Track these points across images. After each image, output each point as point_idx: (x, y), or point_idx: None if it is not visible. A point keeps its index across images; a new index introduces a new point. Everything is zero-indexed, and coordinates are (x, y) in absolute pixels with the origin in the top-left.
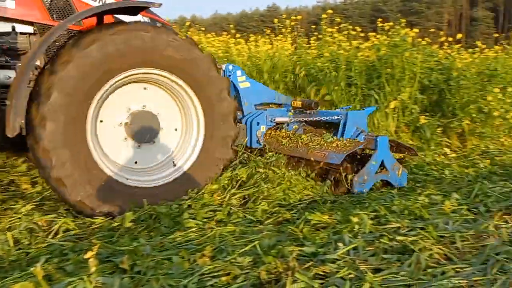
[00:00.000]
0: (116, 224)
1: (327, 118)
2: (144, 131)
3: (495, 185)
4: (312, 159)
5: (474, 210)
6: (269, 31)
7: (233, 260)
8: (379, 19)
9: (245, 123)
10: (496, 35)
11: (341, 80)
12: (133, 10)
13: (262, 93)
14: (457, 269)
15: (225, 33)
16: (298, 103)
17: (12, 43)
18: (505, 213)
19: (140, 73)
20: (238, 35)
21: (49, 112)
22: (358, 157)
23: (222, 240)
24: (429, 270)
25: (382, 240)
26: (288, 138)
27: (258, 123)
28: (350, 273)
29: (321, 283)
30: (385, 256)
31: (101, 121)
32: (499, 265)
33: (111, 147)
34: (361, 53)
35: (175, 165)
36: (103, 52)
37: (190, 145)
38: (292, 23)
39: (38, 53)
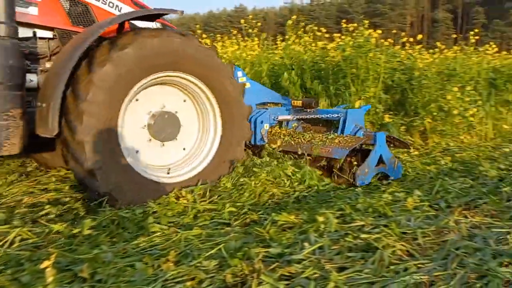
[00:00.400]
0: (76, 231)
1: (328, 116)
2: (166, 130)
3: (455, 181)
4: (316, 154)
5: (436, 206)
6: (235, 31)
7: (198, 264)
8: (344, 20)
9: (249, 122)
10: (454, 36)
11: (296, 81)
12: (155, 17)
13: (262, 93)
14: (419, 265)
15: (192, 33)
16: (298, 102)
17: (32, 48)
18: (464, 208)
19: (166, 76)
20: (204, 36)
21: (86, 107)
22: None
23: (187, 244)
24: (392, 267)
25: (347, 238)
26: (289, 136)
27: (262, 122)
28: (315, 273)
29: (287, 284)
30: (349, 254)
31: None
32: (458, 259)
33: (137, 144)
34: (330, 54)
35: (193, 162)
36: (138, 54)
37: (207, 144)
38: (259, 24)
39: (74, 57)
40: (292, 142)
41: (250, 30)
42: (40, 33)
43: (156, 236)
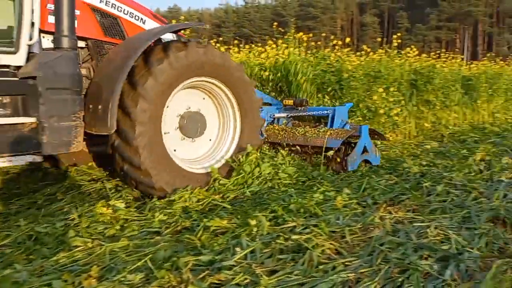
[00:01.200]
0: None
1: (319, 113)
2: (195, 128)
3: (382, 178)
4: (313, 145)
5: (363, 203)
6: None
7: (122, 279)
8: (275, 23)
9: None
10: (379, 39)
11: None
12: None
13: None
14: (346, 263)
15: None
16: (289, 102)
17: None
18: (389, 204)
19: (194, 81)
20: None
21: (137, 117)
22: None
23: (112, 257)
24: (321, 267)
25: (278, 240)
26: (283, 131)
27: None
28: (246, 279)
29: None
30: (280, 256)
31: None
32: (382, 255)
33: (175, 144)
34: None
35: (221, 151)
36: (187, 60)
37: (230, 133)
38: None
39: (129, 64)
40: (290, 135)
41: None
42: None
43: (78, 251)
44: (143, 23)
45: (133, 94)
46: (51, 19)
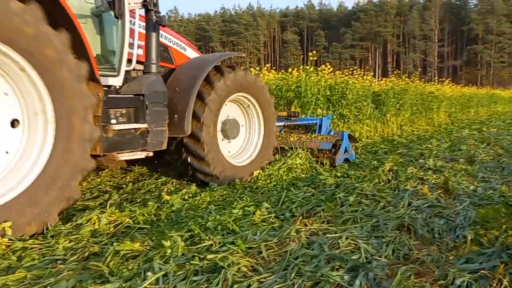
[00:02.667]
0: None
1: (309, 122)
2: (232, 131)
3: (300, 191)
4: (307, 147)
5: (281, 216)
6: None
7: None
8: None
9: None
10: (297, 56)
11: None
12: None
13: None
14: (261, 280)
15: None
16: (284, 113)
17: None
18: (306, 216)
19: (236, 95)
20: None
21: (205, 120)
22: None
23: None
24: (235, 286)
25: (193, 261)
26: (280, 137)
27: None
28: None
29: None
30: (195, 278)
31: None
32: (296, 269)
33: (220, 143)
34: None
35: (249, 150)
36: (235, 80)
37: (255, 136)
38: None
39: (199, 80)
40: (287, 140)
41: None
42: (138, 66)
43: None
44: (184, 50)
45: (201, 104)
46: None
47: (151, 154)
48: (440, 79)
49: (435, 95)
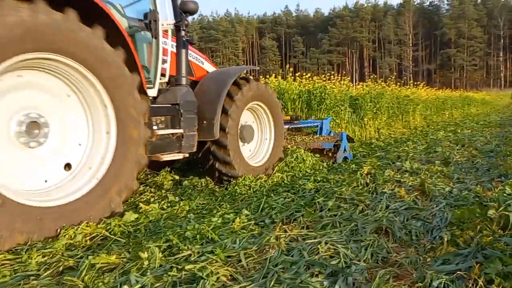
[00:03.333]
0: None
1: (312, 125)
2: (248, 135)
3: (279, 197)
4: (311, 147)
5: (261, 223)
6: None
7: None
8: None
9: None
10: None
11: None
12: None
13: None
14: None
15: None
16: (287, 117)
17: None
18: (285, 222)
19: (252, 104)
20: None
21: (229, 129)
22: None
23: None
24: None
25: (171, 272)
26: (285, 139)
27: None
28: None
29: None
30: None
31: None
32: (276, 276)
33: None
34: None
35: (263, 151)
36: (250, 91)
37: (267, 138)
38: None
39: (225, 90)
40: (292, 141)
41: None
42: (163, 79)
43: None
44: (202, 64)
45: (225, 116)
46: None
47: (186, 155)
48: (415, 83)
49: (410, 98)
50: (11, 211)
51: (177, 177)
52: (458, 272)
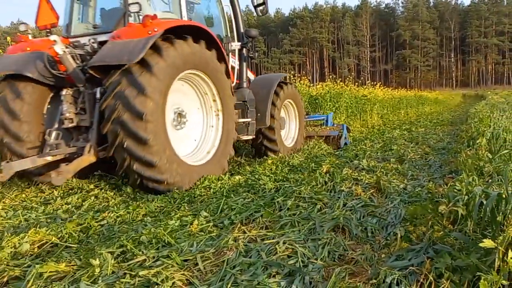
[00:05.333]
0: None
1: (319, 118)
2: (283, 124)
3: (239, 197)
4: (321, 135)
5: (220, 225)
6: None
7: None
8: None
9: None
10: None
11: None
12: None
13: None
14: None
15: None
16: None
17: None
18: (245, 223)
19: (287, 100)
20: None
21: (276, 117)
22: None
23: None
24: None
25: (124, 279)
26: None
27: None
28: None
29: None
30: None
31: None
32: (233, 279)
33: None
34: None
35: (291, 137)
36: (288, 91)
37: (293, 127)
38: None
39: (273, 90)
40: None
41: None
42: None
43: None
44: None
45: (273, 108)
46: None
47: (252, 137)
48: (373, 83)
49: (368, 98)
50: (181, 167)
51: None
52: (411, 268)
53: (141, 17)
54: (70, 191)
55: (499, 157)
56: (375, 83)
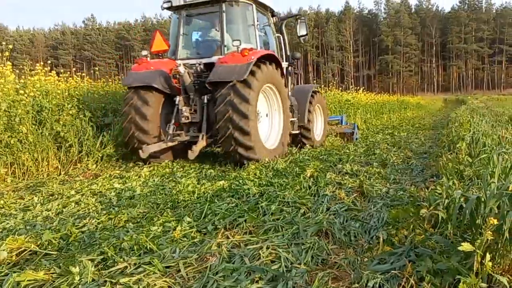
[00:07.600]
0: None
1: (335, 119)
2: (314, 122)
3: (223, 202)
4: (338, 132)
5: (203, 230)
6: None
7: None
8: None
9: None
10: None
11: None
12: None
13: None
14: None
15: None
16: None
17: None
18: (228, 228)
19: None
20: None
21: (311, 118)
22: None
23: None
24: None
25: (104, 287)
26: None
27: None
28: None
29: None
30: None
31: None
32: (216, 285)
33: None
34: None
35: (318, 131)
36: (318, 98)
37: (319, 124)
38: (10, 47)
39: (309, 98)
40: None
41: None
42: None
43: None
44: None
45: (308, 112)
46: None
47: (297, 131)
48: (356, 88)
49: (351, 102)
50: (264, 149)
51: (118, 186)
52: (393, 271)
53: (239, 48)
54: (51, 197)
55: (478, 161)
56: (358, 88)
